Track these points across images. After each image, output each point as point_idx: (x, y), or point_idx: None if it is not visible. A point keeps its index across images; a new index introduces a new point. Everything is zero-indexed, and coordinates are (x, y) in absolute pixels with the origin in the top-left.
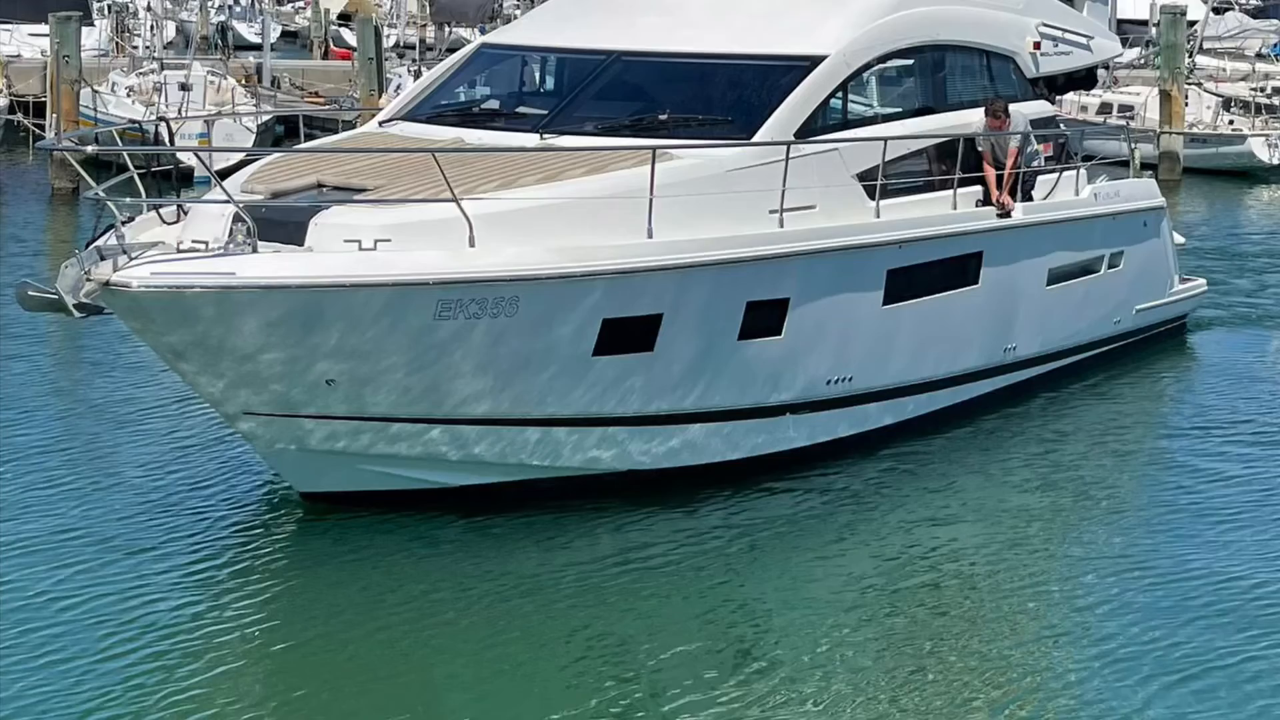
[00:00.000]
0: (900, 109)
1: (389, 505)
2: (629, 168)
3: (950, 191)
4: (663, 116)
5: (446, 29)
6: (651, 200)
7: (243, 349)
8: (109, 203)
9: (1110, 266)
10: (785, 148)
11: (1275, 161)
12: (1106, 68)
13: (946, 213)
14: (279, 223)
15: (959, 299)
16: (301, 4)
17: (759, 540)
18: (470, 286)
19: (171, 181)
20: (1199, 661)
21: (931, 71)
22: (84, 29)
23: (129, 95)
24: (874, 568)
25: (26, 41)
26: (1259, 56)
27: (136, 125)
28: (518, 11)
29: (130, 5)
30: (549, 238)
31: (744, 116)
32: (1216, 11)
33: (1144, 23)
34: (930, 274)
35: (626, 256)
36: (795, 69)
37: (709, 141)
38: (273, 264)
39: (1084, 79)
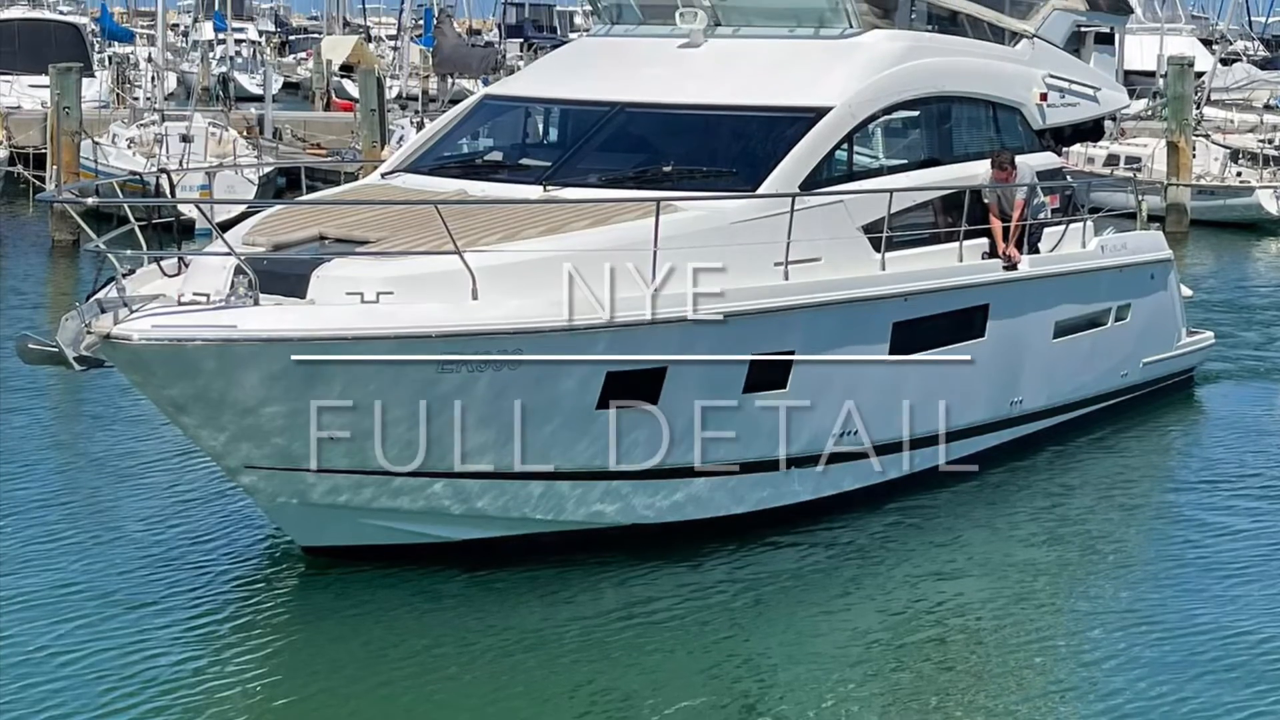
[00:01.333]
0: (906, 161)
1: (391, 559)
2: (633, 220)
3: (956, 244)
4: (667, 168)
5: (449, 80)
6: (656, 253)
7: (244, 402)
8: (109, 255)
9: (1117, 319)
10: (790, 200)
11: None
12: (1113, 119)
13: (952, 265)
14: (281, 275)
15: (965, 352)
16: (303, 55)
17: (764, 595)
18: (473, 339)
19: (172, 233)
20: (1207, 717)
21: (937, 123)
22: (84, 80)
23: (130, 147)
24: (879, 622)
25: (27, 93)
26: (1267, 108)
27: (137, 177)
28: (521, 63)
29: (131, 56)
30: (552, 290)
31: (748, 168)
32: (1224, 63)
33: (1151, 74)
34: (936, 327)
35: (631, 309)
36: (800, 121)
37: (713, 193)
38: (274, 317)
39: (1091, 130)
